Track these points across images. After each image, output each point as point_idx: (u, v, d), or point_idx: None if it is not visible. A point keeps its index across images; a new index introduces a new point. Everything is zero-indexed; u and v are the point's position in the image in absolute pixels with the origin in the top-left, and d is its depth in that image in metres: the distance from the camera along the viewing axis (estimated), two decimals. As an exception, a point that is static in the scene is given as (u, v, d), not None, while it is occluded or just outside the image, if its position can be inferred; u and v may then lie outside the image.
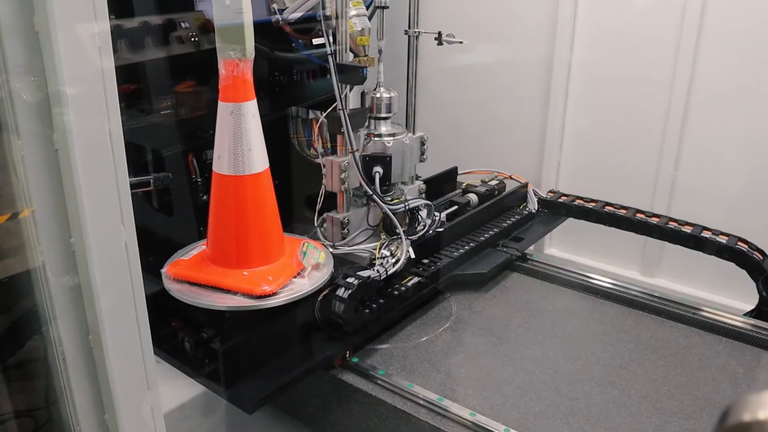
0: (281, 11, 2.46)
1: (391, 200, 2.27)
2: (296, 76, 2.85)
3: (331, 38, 2.13)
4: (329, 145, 2.42)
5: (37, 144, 1.44)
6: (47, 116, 1.47)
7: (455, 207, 2.65)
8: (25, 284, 1.60)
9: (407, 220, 2.33)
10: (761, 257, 2.45)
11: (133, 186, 1.62)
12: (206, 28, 2.27)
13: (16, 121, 1.45)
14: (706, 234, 2.53)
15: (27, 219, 1.49)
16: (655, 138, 2.97)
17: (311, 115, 2.82)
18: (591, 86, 3.14)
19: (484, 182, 2.91)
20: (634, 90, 3.01)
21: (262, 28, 2.23)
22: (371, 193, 2.17)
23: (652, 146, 3.00)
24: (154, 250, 1.99)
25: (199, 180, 2.66)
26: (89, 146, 1.45)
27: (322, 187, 2.26)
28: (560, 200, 2.86)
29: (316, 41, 2.54)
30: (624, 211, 2.71)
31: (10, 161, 1.53)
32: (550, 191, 2.97)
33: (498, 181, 2.92)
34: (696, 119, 2.88)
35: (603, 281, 2.49)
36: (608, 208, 2.75)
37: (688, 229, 2.58)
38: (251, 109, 1.86)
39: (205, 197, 2.64)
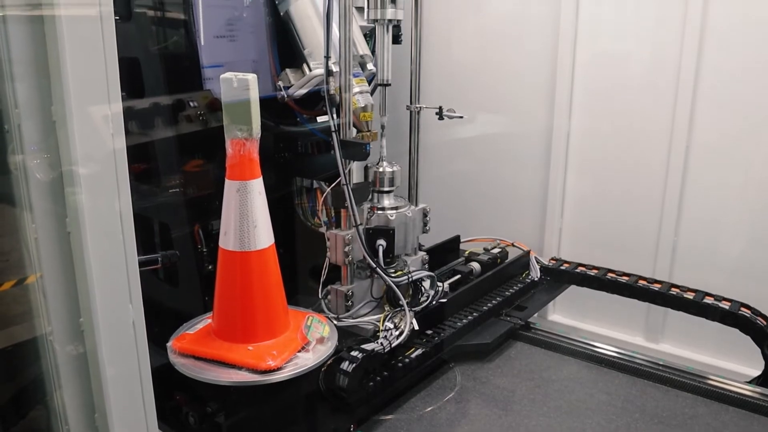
0: (287, 88, 2.56)
1: (395, 272, 2.30)
2: (301, 148, 2.92)
3: (335, 115, 2.21)
4: (333, 214, 2.47)
5: (50, 225, 1.49)
6: (60, 195, 1.52)
7: (458, 276, 2.67)
8: (33, 354, 1.62)
9: (410, 292, 2.35)
10: (765, 323, 2.46)
11: (141, 264, 1.65)
12: (214, 106, 2.35)
13: (30, 199, 1.51)
14: (708, 300, 2.55)
15: (39, 298, 1.53)
16: (655, 203, 3.01)
17: (315, 185, 2.88)
18: (590, 153, 3.19)
19: (486, 250, 2.94)
20: (632, 156, 3.06)
21: (267, 103, 2.31)
22: (375, 266, 2.20)
23: (652, 211, 3.04)
24: (159, 319, 2.01)
25: (204, 250, 2.69)
26: (100, 227, 1.49)
27: (326, 259, 2.30)
28: (562, 267, 2.89)
29: (320, 119, 2.62)
30: (626, 278, 2.74)
31: (22, 239, 1.57)
32: (553, 258, 2.99)
33: (500, 249, 2.95)
34: (694, 184, 2.92)
35: (607, 349, 2.49)
36: (610, 275, 2.77)
37: (690, 296, 2.59)
38: (257, 186, 1.91)
39: (210, 267, 2.67)
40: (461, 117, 2.49)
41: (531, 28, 3.22)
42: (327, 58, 2.20)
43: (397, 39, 2.46)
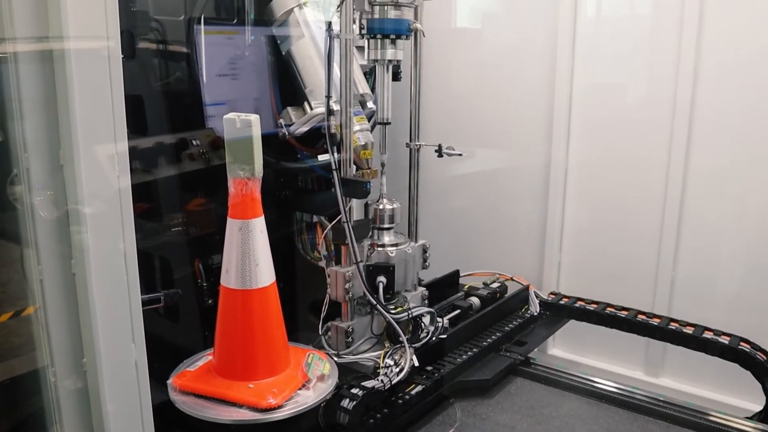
0: (288, 126, 2.60)
1: (395, 308, 2.31)
2: (301, 183, 2.95)
3: (335, 153, 2.24)
4: (333, 248, 2.49)
5: (55, 265, 1.51)
6: (65, 234, 1.54)
7: (458, 311, 2.68)
8: (33, 389, 1.63)
9: (410, 328, 2.36)
10: (765, 357, 2.46)
11: (144, 303, 1.67)
12: (216, 144, 2.39)
13: (37, 239, 1.53)
14: (707, 335, 2.55)
15: (42, 337, 1.54)
16: (653, 236, 3.03)
17: (315, 219, 2.91)
18: (588, 186, 3.22)
19: (486, 284, 2.95)
20: (629, 189, 3.09)
21: (269, 140, 2.35)
22: (375, 302, 2.22)
23: (650, 244, 3.06)
24: (159, 354, 2.01)
25: (204, 284, 2.71)
26: (104, 268, 1.51)
27: (327, 295, 2.31)
28: (562, 302, 2.90)
29: (321, 157, 2.65)
30: (625, 313, 2.74)
31: (27, 278, 1.59)
32: (552, 293, 3.00)
33: (500, 283, 2.97)
34: (691, 217, 2.94)
35: (607, 385, 2.49)
36: (609, 310, 2.78)
37: (689, 330, 2.59)
38: (259, 225, 1.94)
39: (210, 301, 2.68)
40: (460, 155, 2.53)
41: (528, 61, 3.27)
42: (328, 97, 2.24)
43: (396, 76, 2.51)
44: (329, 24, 2.25)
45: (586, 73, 3.12)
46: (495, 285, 2.94)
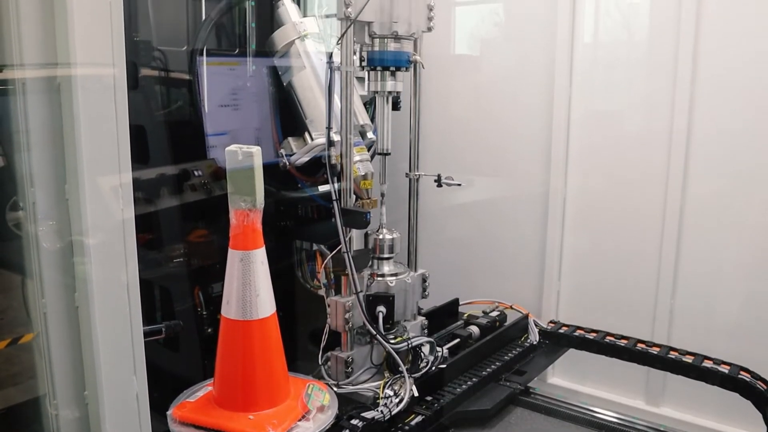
0: (289, 155, 2.62)
1: (394, 338, 2.32)
2: (301, 212, 2.96)
3: (335, 184, 2.26)
4: (332, 276, 2.50)
5: (59, 298, 1.52)
6: (69, 266, 1.55)
7: (457, 340, 2.68)
8: (33, 420, 1.63)
9: (410, 357, 2.37)
10: (765, 387, 2.46)
11: (145, 335, 1.68)
12: (218, 175, 2.41)
13: (41, 271, 1.54)
14: (707, 364, 2.55)
15: (45, 371, 1.54)
16: (651, 264, 3.03)
17: (315, 247, 2.92)
18: (586, 213, 3.22)
19: (485, 313, 2.95)
20: (627, 216, 3.09)
21: (269, 169, 2.37)
22: (375, 332, 2.22)
23: (648, 273, 3.05)
24: (159, 384, 2.01)
25: (204, 313, 2.71)
26: (107, 301, 1.52)
27: (327, 325, 2.32)
28: (561, 331, 2.90)
29: (322, 187, 2.68)
30: (624, 342, 2.74)
31: (31, 311, 1.59)
32: (551, 322, 3.00)
33: (499, 312, 2.97)
34: (690, 245, 2.94)
35: (608, 415, 2.48)
36: (609, 339, 2.77)
37: (689, 359, 2.59)
38: (260, 256, 1.95)
39: (210, 330, 2.69)
40: (459, 185, 2.55)
41: (526, 88, 3.29)
42: (329, 129, 2.27)
43: (396, 106, 2.54)
44: (330, 55, 2.28)
45: (584, 99, 3.14)
46: (494, 313, 2.94)
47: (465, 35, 3.58)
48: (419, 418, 2.23)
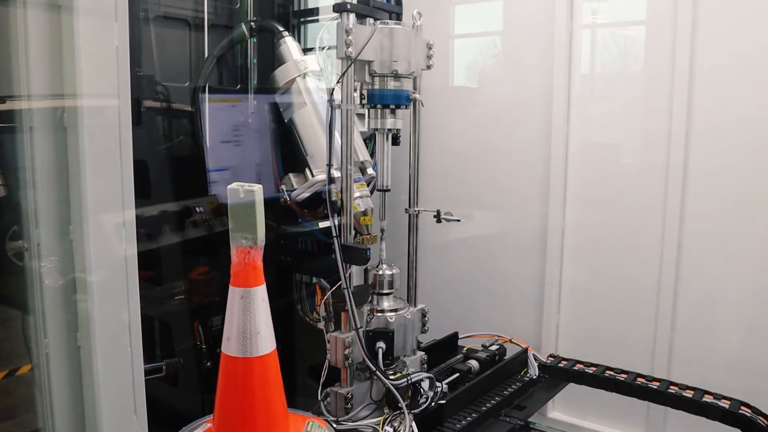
0: (289, 191, 2.65)
1: (394, 374, 2.32)
2: (301, 245, 2.98)
3: (336, 221, 2.28)
4: (331, 309, 2.51)
5: (61, 336, 1.53)
6: (72, 304, 1.57)
7: (457, 374, 2.68)
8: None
9: (410, 393, 2.36)
10: (766, 422, 2.45)
11: (146, 373, 1.69)
12: (219, 211, 2.43)
13: (44, 307, 1.55)
14: (707, 398, 2.54)
15: (46, 411, 1.55)
16: (650, 297, 3.02)
17: (314, 280, 2.93)
18: (585, 245, 3.23)
19: (484, 347, 2.95)
20: (626, 250, 3.10)
21: (270, 204, 2.39)
22: (374, 368, 2.23)
23: (647, 306, 3.05)
24: (158, 419, 2.01)
25: (204, 347, 2.71)
26: (109, 340, 1.53)
27: (326, 361, 2.32)
28: (561, 365, 2.89)
29: (322, 224, 2.70)
30: (624, 376, 2.74)
31: (34, 352, 1.60)
32: (550, 356, 3.00)
33: (498, 346, 2.97)
34: (688, 279, 2.94)
35: (608, 451, 2.48)
36: (608, 373, 2.77)
37: (689, 394, 2.58)
38: (260, 293, 1.95)
39: (209, 364, 2.69)
40: (458, 220, 2.57)
41: (524, 121, 3.32)
42: (329, 166, 2.30)
43: (396, 141, 2.57)
44: (331, 93, 2.32)
45: (582, 132, 3.16)
46: (494, 347, 2.94)
47: (463, 67, 3.62)
48: (419, 456, 2.23)
